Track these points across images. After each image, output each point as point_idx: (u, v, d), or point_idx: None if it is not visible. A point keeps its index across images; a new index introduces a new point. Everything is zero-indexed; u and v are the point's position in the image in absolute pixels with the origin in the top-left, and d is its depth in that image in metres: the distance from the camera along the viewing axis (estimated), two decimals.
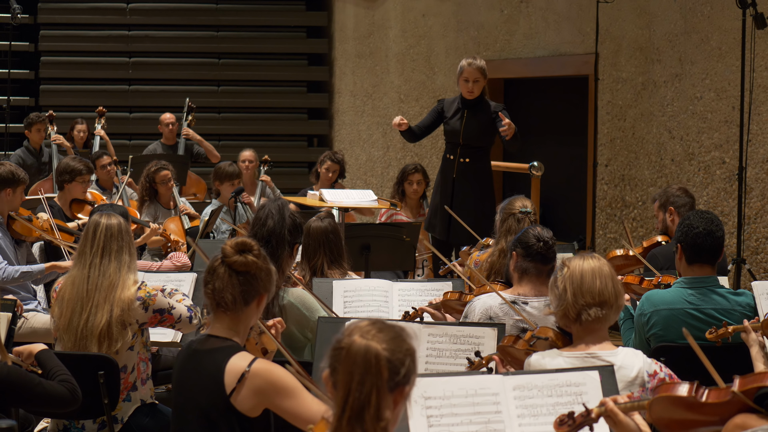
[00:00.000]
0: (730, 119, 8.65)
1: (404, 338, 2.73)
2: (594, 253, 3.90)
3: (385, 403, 2.67)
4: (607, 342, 3.79)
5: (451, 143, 7.87)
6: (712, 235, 4.87)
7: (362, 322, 2.74)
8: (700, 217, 4.91)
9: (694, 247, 4.86)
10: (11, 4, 11.21)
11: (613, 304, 3.77)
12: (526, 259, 4.71)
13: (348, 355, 2.67)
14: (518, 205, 5.65)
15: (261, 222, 4.85)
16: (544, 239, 4.73)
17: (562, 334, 3.88)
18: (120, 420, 4.62)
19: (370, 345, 2.67)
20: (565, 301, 3.77)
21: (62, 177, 7.70)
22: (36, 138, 10.85)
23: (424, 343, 4.35)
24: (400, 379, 2.69)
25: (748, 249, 8.43)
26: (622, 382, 3.64)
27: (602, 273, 3.78)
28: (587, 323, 3.74)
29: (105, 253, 4.60)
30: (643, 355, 3.78)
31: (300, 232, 4.95)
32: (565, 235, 10.44)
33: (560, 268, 3.84)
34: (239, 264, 3.57)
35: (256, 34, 13.74)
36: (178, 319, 4.69)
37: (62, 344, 4.62)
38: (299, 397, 3.45)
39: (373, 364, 2.65)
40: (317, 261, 5.46)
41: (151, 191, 8.90)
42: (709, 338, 4.53)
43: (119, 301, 4.55)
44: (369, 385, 2.65)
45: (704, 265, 4.89)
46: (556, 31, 10.43)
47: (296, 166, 13.58)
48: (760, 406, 2.92)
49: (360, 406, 2.65)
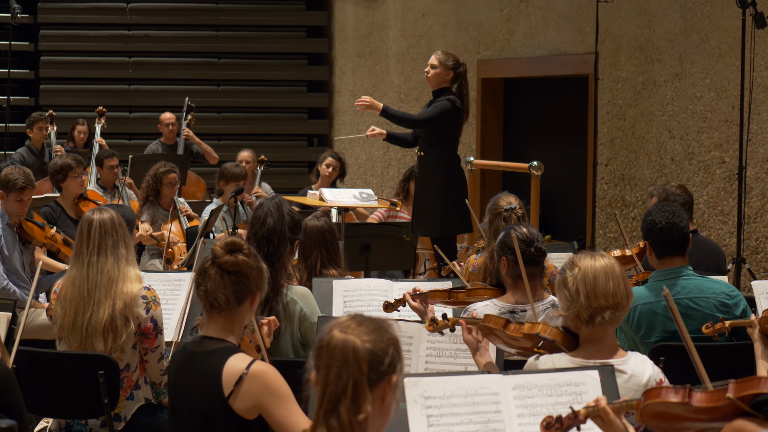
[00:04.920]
0: (730, 119, 8.65)
1: (386, 329, 2.74)
2: (603, 252, 3.84)
3: (364, 396, 2.67)
4: (616, 346, 3.73)
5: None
6: (676, 227, 4.92)
7: (343, 318, 2.75)
8: (661, 211, 4.96)
9: (661, 242, 4.93)
10: (11, 4, 11.21)
11: (625, 306, 3.72)
12: (517, 265, 4.55)
13: (327, 349, 2.69)
14: (503, 204, 5.53)
15: (260, 220, 4.83)
16: (532, 243, 4.64)
17: (567, 336, 3.81)
18: (123, 418, 4.62)
19: (348, 338, 2.69)
20: (578, 303, 3.67)
21: (56, 177, 7.70)
22: (38, 137, 10.86)
23: (424, 342, 4.35)
24: (384, 368, 2.69)
25: (748, 248, 8.43)
26: (632, 390, 3.60)
27: (614, 273, 3.70)
28: (599, 325, 3.68)
29: (101, 250, 4.58)
30: (651, 362, 3.74)
31: (299, 228, 4.93)
32: (565, 234, 10.45)
33: (569, 267, 3.73)
34: (230, 264, 3.56)
35: (256, 33, 13.74)
36: (155, 347, 4.62)
37: (68, 344, 4.62)
38: (290, 407, 3.44)
39: (350, 357, 2.67)
40: (313, 260, 5.45)
41: (155, 191, 8.88)
42: (706, 333, 4.51)
43: (121, 294, 4.53)
44: (346, 377, 2.67)
45: (674, 257, 4.95)
46: (556, 31, 10.43)
47: (296, 165, 13.58)
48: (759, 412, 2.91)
49: (336, 399, 2.67)
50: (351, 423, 2.67)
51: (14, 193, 6.52)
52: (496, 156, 11.28)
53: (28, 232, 6.63)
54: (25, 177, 6.55)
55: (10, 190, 6.52)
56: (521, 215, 5.54)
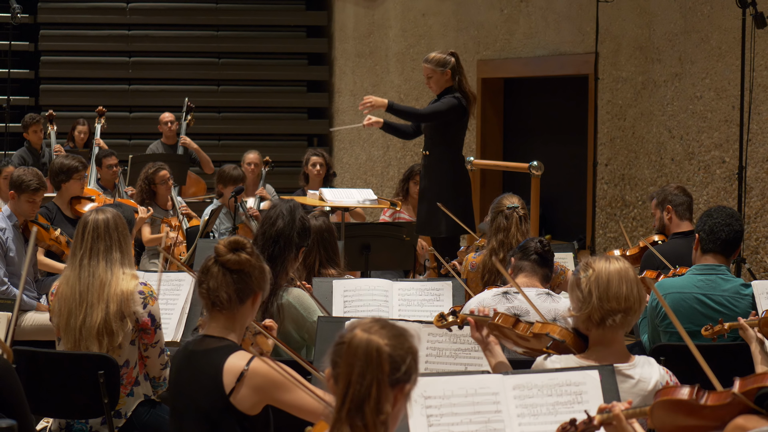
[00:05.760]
0: (730, 118, 8.65)
1: (406, 337, 2.74)
2: (618, 255, 3.84)
3: (386, 396, 2.67)
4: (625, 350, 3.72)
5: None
6: (730, 227, 4.99)
7: (365, 319, 2.75)
8: (721, 210, 5.05)
9: (711, 235, 4.97)
10: (11, 4, 11.21)
11: (637, 310, 3.71)
12: (522, 259, 4.82)
13: (349, 348, 2.68)
14: (506, 203, 5.72)
15: (271, 221, 4.84)
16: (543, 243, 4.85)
17: (577, 338, 3.79)
18: (123, 414, 4.62)
19: (372, 338, 2.68)
20: (590, 305, 3.67)
21: (59, 177, 7.55)
22: (35, 139, 10.86)
23: (425, 342, 4.35)
24: (400, 375, 2.69)
25: (748, 248, 8.43)
26: (639, 396, 3.59)
27: (628, 277, 3.69)
28: (609, 328, 3.68)
29: (93, 253, 4.57)
30: (657, 365, 3.73)
31: (308, 236, 4.92)
32: (565, 234, 10.45)
33: (584, 269, 3.73)
34: (233, 262, 3.57)
35: (256, 33, 13.74)
36: (155, 343, 4.63)
37: (63, 344, 4.63)
38: (298, 392, 3.47)
39: (374, 357, 2.66)
40: (312, 259, 5.45)
41: (149, 193, 8.85)
42: (705, 335, 4.51)
43: (114, 296, 4.53)
44: (370, 378, 2.66)
45: (718, 255, 5.00)
46: (556, 31, 10.43)
47: (296, 165, 13.47)
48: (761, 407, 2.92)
49: (360, 399, 2.65)
50: (375, 423, 2.66)
51: (27, 194, 6.52)
52: (496, 156, 11.28)
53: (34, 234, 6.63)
54: (38, 179, 6.57)
55: (23, 191, 6.52)
56: (523, 215, 5.66)
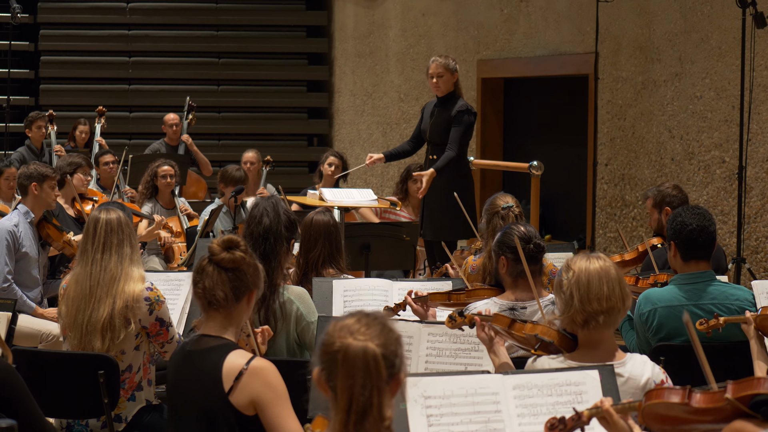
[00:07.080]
0: (730, 118, 8.65)
1: (390, 327, 2.71)
2: (599, 253, 3.80)
3: (387, 401, 2.66)
4: (614, 348, 3.71)
5: (426, 141, 7.85)
6: (706, 231, 4.84)
7: (347, 320, 2.69)
8: (691, 213, 4.87)
9: (689, 244, 4.83)
10: (11, 4, 11.21)
11: (621, 309, 3.67)
12: (517, 263, 4.59)
13: (346, 359, 2.63)
14: (500, 203, 5.57)
15: (256, 220, 4.82)
16: (531, 239, 4.67)
17: (566, 337, 3.79)
18: (124, 419, 4.62)
19: (367, 346, 2.64)
20: (572, 308, 3.64)
21: (64, 170, 7.68)
22: (37, 136, 10.86)
23: (425, 342, 4.35)
24: (395, 370, 2.68)
25: (748, 248, 8.43)
26: (629, 393, 3.57)
27: (609, 276, 3.64)
28: (594, 329, 3.66)
29: (106, 248, 4.59)
30: (651, 363, 3.71)
31: (295, 228, 4.92)
32: (565, 234, 10.45)
33: (565, 270, 3.70)
34: (227, 261, 3.57)
35: (256, 33, 13.74)
36: (170, 339, 4.65)
37: (69, 342, 4.63)
38: (285, 408, 3.45)
39: (372, 366, 2.63)
40: (316, 253, 5.43)
41: (152, 187, 8.90)
42: (700, 329, 4.45)
43: (122, 293, 4.54)
44: (370, 387, 2.63)
45: (700, 261, 4.87)
46: (556, 31, 10.43)
47: (296, 165, 13.59)
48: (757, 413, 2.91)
49: (363, 410, 2.63)
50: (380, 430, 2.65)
51: (49, 181, 6.60)
52: (496, 156, 11.28)
53: (50, 234, 6.64)
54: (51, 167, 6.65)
55: (44, 180, 6.57)
56: (518, 214, 5.56)
